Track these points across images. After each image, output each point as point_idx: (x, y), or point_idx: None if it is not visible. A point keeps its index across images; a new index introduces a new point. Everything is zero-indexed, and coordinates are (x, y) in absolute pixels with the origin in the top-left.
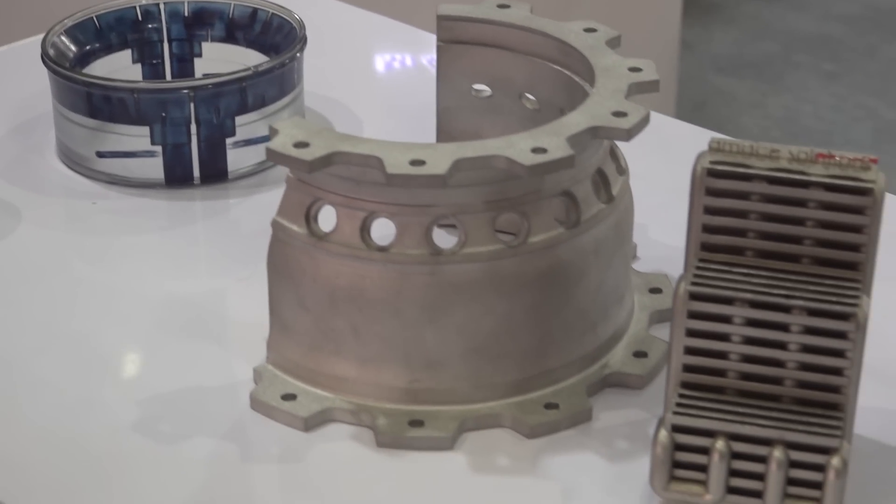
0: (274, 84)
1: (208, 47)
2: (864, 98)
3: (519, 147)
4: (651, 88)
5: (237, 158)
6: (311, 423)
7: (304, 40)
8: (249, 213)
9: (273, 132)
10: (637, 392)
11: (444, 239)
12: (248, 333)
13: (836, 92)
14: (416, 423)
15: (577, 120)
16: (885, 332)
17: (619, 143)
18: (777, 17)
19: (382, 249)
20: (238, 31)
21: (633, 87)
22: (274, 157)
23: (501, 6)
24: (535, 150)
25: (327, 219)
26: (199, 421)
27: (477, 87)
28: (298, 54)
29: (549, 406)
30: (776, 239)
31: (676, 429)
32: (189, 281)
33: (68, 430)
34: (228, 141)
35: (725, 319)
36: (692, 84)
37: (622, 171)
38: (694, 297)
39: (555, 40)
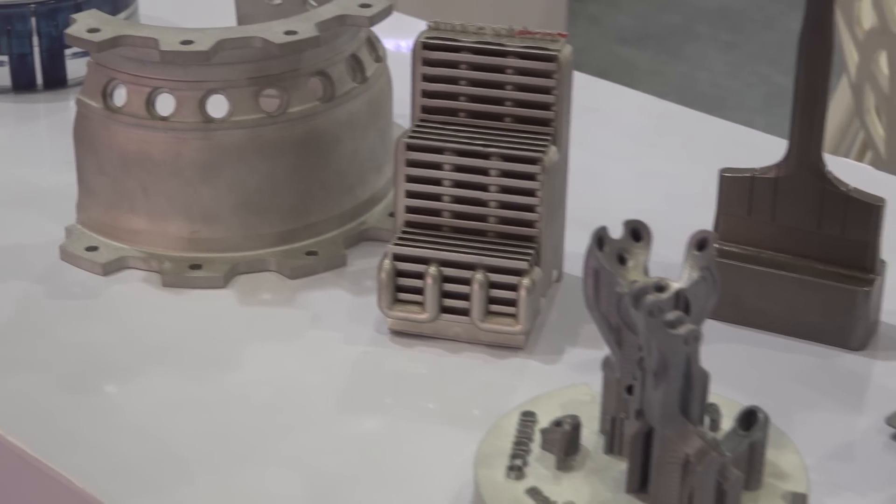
0: (107, 5)
1: None
2: (758, 66)
3: (274, 30)
4: None
5: (75, 67)
6: (109, 269)
7: None
8: None
9: (72, 21)
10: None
11: (218, 108)
12: (69, 202)
13: (732, 60)
14: (196, 266)
15: (328, 10)
16: None
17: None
18: None
19: (164, 119)
20: None
21: None
22: (71, 41)
23: None
24: (288, 33)
25: (120, 96)
26: (16, 269)
27: None
28: None
29: (309, 253)
30: (482, 101)
31: (397, 258)
32: (33, 169)
33: None
34: (67, 52)
35: (437, 166)
36: (596, 54)
37: (379, 59)
38: (410, 147)
39: None
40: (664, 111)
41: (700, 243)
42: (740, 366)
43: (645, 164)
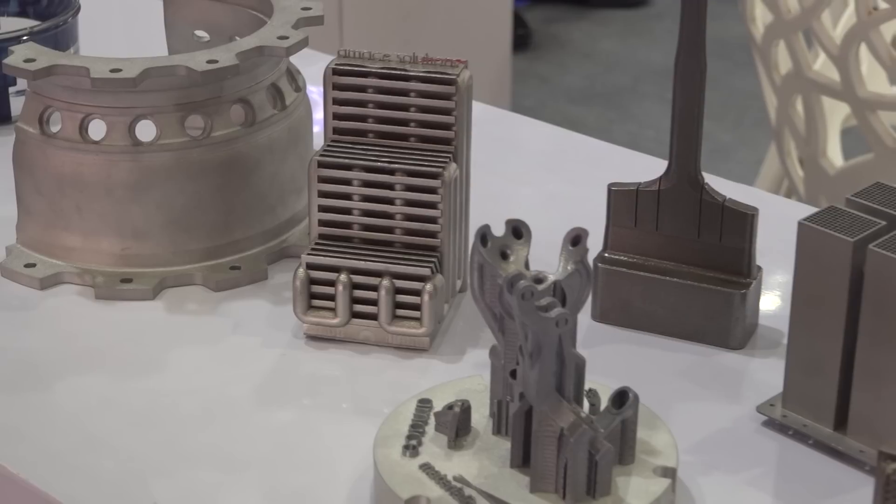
0: (49, 42)
1: (6, 21)
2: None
3: (197, 59)
4: (317, 22)
5: (19, 104)
6: (46, 283)
7: (77, 8)
8: None
9: (10, 52)
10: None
11: (146, 132)
12: (10, 226)
13: None
14: (126, 280)
15: (248, 41)
16: None
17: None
18: (630, 53)
19: (96, 143)
20: (29, 6)
21: (300, 20)
22: (9, 70)
23: None
24: (210, 62)
25: (56, 122)
26: None
27: (198, 33)
28: (71, 19)
29: (233, 268)
30: (389, 122)
31: (310, 266)
32: None
33: None
34: (11, 89)
35: (347, 182)
36: (545, 113)
37: (298, 88)
38: (321, 165)
39: None
40: (565, 138)
41: (574, 239)
42: (627, 364)
43: (548, 187)
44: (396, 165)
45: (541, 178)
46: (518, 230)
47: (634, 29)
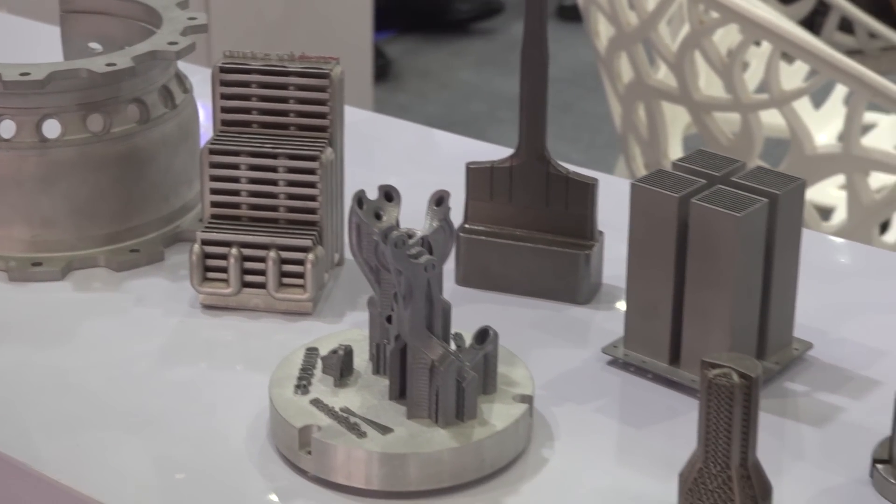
0: None
1: None
2: (558, 146)
3: (97, 63)
4: (202, 30)
5: None
6: None
7: None
8: None
9: None
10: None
11: (52, 130)
12: None
13: None
14: (37, 264)
15: (142, 47)
16: None
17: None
18: (485, 81)
19: (6, 140)
20: None
21: (188, 29)
22: None
23: None
24: (108, 65)
25: None
26: None
27: (92, 45)
28: None
29: (133, 251)
30: (270, 113)
31: (205, 242)
32: None
33: None
34: None
35: (235, 167)
36: None
37: (186, 90)
38: (212, 152)
39: (141, 5)
40: (427, 135)
41: (438, 200)
42: (488, 320)
43: (414, 177)
44: (279, 150)
45: (407, 169)
46: (389, 194)
47: (489, 59)
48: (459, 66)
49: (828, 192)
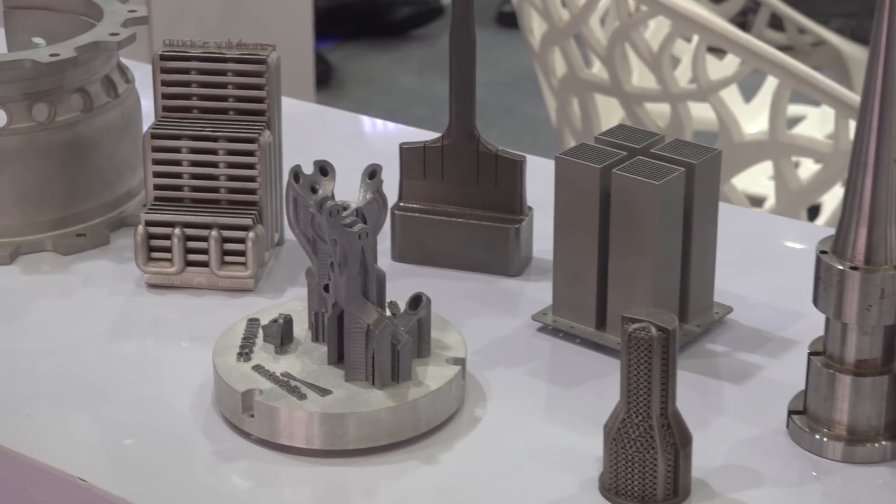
0: None
1: None
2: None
3: (41, 53)
4: (143, 22)
5: None
6: None
7: None
8: None
9: None
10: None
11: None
12: None
13: None
14: None
15: (85, 38)
16: None
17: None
18: (427, 87)
19: None
20: None
21: (128, 21)
22: None
23: None
24: (52, 55)
25: None
26: None
27: (35, 40)
28: None
29: (79, 235)
30: (210, 99)
31: (149, 223)
32: None
33: None
34: None
35: (177, 150)
36: None
37: (128, 81)
38: (154, 136)
39: (83, 0)
40: (361, 124)
41: (371, 173)
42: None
43: (350, 162)
44: (219, 134)
45: (344, 154)
46: (324, 169)
47: (430, 65)
48: (401, 73)
49: (759, 181)
